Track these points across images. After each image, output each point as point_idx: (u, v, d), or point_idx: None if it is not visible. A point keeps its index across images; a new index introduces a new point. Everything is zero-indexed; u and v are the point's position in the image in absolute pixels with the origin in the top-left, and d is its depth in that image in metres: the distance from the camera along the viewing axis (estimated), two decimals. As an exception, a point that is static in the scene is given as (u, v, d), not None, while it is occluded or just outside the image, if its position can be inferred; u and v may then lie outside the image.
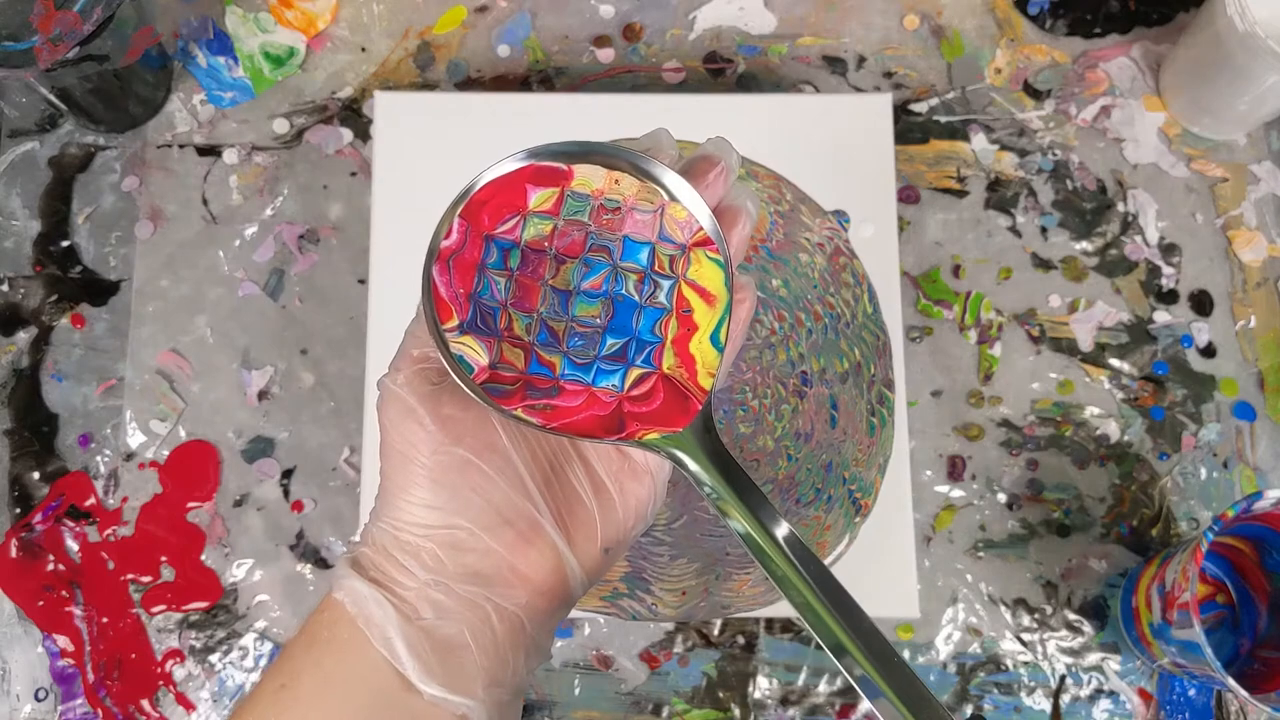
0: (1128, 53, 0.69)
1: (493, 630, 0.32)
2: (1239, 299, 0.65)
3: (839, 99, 0.58)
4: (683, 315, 0.33)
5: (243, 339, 0.62)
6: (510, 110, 0.57)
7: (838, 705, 0.59)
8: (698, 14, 0.68)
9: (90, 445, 0.61)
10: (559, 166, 0.32)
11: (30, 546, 0.59)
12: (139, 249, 0.63)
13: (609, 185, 0.33)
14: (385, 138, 0.56)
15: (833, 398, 0.51)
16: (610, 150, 0.33)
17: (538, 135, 0.53)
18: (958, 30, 0.69)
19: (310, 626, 0.33)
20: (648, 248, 0.33)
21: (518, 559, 0.32)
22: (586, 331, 0.33)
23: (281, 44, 0.66)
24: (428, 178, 0.55)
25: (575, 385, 0.32)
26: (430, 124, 0.56)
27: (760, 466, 0.50)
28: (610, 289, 0.33)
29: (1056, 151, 0.67)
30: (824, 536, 0.50)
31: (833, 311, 0.51)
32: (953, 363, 0.63)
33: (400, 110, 0.57)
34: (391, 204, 0.55)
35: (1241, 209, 0.67)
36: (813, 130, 0.56)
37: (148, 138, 0.64)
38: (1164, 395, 0.63)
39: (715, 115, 0.56)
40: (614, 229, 0.33)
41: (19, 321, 0.62)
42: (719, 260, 0.33)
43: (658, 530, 0.49)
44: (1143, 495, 0.62)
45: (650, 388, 0.32)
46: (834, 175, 0.54)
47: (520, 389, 0.32)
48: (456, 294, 0.32)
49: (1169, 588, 0.53)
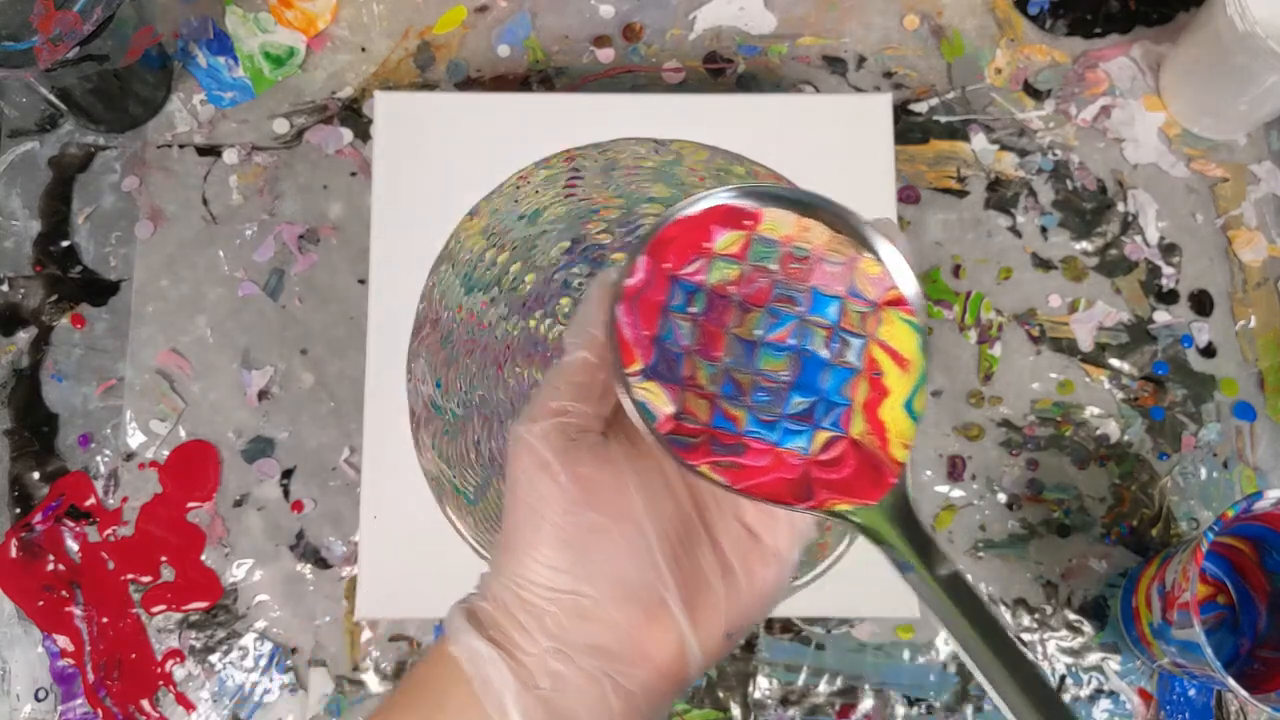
0: (1128, 53, 0.69)
1: (609, 708, 0.30)
2: (1239, 299, 0.65)
3: (838, 99, 0.58)
4: (874, 378, 0.31)
5: (243, 339, 0.62)
6: (511, 110, 0.57)
7: (838, 705, 0.59)
8: (698, 14, 0.68)
9: (90, 445, 0.61)
10: (748, 207, 0.31)
11: (30, 546, 0.59)
12: (139, 249, 0.63)
13: (798, 232, 0.31)
14: (385, 138, 0.56)
15: None
16: (806, 198, 0.31)
17: (539, 136, 0.53)
18: (958, 30, 0.69)
19: (419, 680, 0.31)
20: (837, 302, 0.31)
21: (642, 636, 0.31)
22: (772, 386, 0.31)
23: (281, 44, 0.66)
24: (428, 178, 0.55)
25: (760, 444, 0.30)
26: (430, 124, 0.56)
27: None
28: (797, 342, 0.31)
29: (1056, 151, 0.67)
30: (824, 537, 0.49)
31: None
32: (953, 363, 0.63)
33: (400, 110, 0.56)
34: (391, 204, 0.55)
35: (1242, 209, 0.67)
36: (812, 131, 0.56)
37: (148, 138, 0.64)
38: (1164, 395, 0.63)
39: (715, 115, 0.56)
40: (802, 279, 0.31)
41: (19, 321, 0.62)
42: (914, 323, 0.31)
43: None
44: (1143, 495, 0.62)
45: (840, 453, 0.31)
46: (833, 176, 0.54)
47: (705, 444, 0.30)
48: (641, 336, 0.30)
49: (1169, 588, 0.53)
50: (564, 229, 0.52)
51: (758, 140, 0.54)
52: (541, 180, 0.52)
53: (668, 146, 0.53)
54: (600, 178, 0.53)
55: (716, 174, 0.53)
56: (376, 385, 0.53)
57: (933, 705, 0.59)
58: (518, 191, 0.52)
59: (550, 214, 0.52)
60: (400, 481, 0.51)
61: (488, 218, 0.52)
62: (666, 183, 0.53)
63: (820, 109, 0.57)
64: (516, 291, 0.51)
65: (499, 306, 0.51)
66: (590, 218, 0.52)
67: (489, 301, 0.51)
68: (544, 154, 0.53)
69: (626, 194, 0.53)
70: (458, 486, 0.50)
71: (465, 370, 0.51)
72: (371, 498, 0.52)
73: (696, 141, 0.53)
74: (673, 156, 0.53)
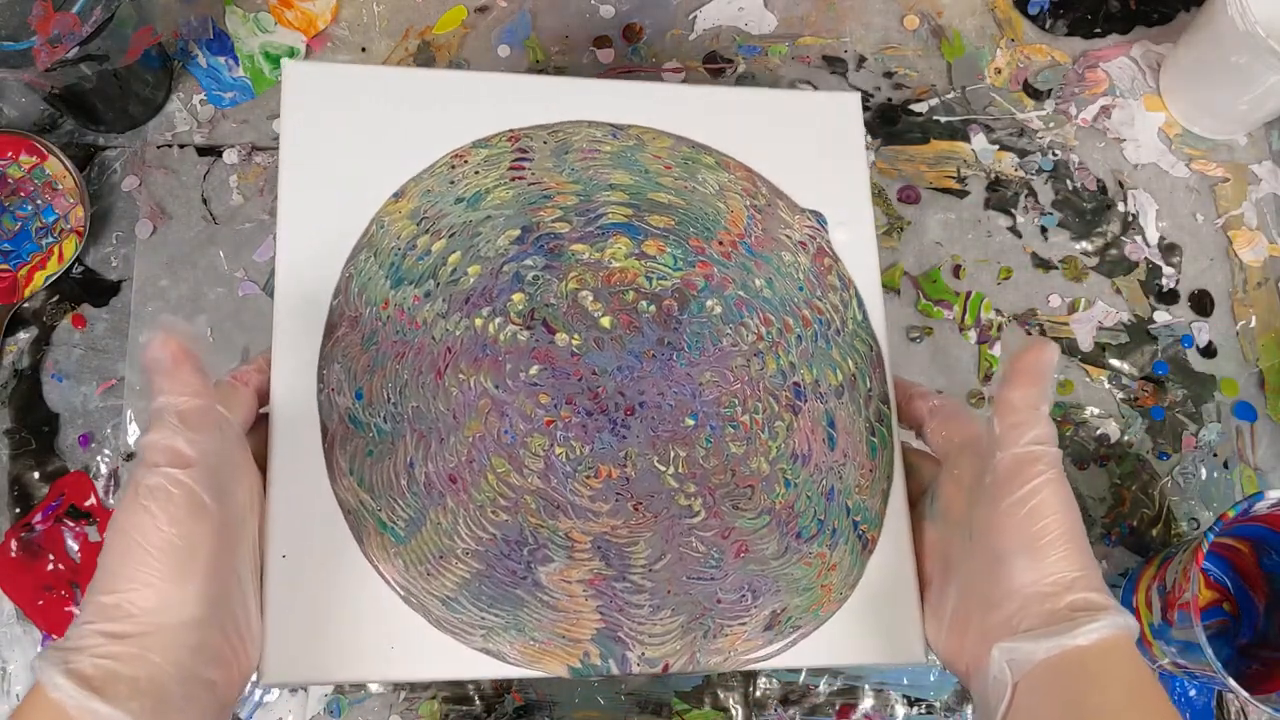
0: (1128, 53, 0.69)
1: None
2: (1239, 299, 0.65)
3: (803, 96, 0.52)
4: None
5: (243, 339, 0.62)
6: (444, 88, 0.48)
7: (838, 705, 0.59)
8: (698, 14, 0.68)
9: (90, 445, 0.61)
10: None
11: (30, 546, 0.59)
12: (139, 249, 0.63)
13: None
14: (295, 115, 0.46)
15: (829, 414, 0.46)
16: None
17: (478, 118, 0.46)
18: (958, 30, 0.69)
19: None
20: None
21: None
22: None
23: (281, 44, 0.66)
24: (346, 160, 0.46)
25: None
26: (349, 100, 0.47)
27: (755, 493, 0.44)
28: None
29: (1056, 151, 0.67)
30: (829, 579, 0.44)
31: (821, 317, 0.47)
32: (953, 363, 0.63)
33: (313, 83, 0.47)
34: (302, 189, 0.45)
35: (1242, 209, 0.67)
36: (780, 128, 0.50)
37: (148, 138, 0.64)
38: (1164, 395, 0.63)
39: (675, 108, 0.49)
40: None
41: (19, 321, 0.62)
42: None
43: (635, 574, 0.43)
44: (1143, 495, 0.62)
45: None
46: (803, 173, 0.49)
47: None
48: None
49: (1169, 588, 0.53)
50: (511, 215, 0.46)
51: (723, 134, 0.49)
52: (481, 160, 0.47)
53: (626, 131, 0.49)
54: (552, 160, 0.47)
55: (684, 162, 0.49)
56: (287, 399, 0.43)
57: (933, 705, 0.59)
58: (453, 172, 0.46)
59: (494, 198, 0.46)
60: (315, 514, 0.41)
61: (417, 200, 0.45)
62: (628, 169, 0.48)
63: (785, 107, 0.51)
64: (458, 285, 0.45)
65: (436, 302, 0.44)
66: (543, 204, 0.47)
67: (422, 296, 0.44)
68: (482, 135, 0.47)
69: (584, 179, 0.47)
70: (383, 521, 0.41)
71: (394, 377, 0.43)
72: (281, 533, 0.41)
73: (657, 129, 0.49)
74: (633, 142, 0.49)
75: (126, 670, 0.33)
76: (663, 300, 0.46)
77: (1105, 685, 0.34)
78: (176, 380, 0.36)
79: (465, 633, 0.41)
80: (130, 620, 0.34)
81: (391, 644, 0.40)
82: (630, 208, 0.47)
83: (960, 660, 0.40)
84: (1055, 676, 0.35)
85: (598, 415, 0.44)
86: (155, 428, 0.35)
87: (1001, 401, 0.38)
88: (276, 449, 0.42)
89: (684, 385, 0.45)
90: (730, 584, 0.43)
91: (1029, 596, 0.36)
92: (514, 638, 0.41)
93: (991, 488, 0.38)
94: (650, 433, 0.44)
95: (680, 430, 0.44)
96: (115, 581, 0.34)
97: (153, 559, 0.34)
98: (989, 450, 0.39)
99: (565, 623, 0.41)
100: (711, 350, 0.46)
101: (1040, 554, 0.37)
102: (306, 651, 0.40)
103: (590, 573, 0.42)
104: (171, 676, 0.33)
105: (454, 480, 0.42)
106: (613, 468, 0.43)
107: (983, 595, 0.38)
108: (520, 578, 0.42)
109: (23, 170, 0.62)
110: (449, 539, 0.42)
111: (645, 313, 0.46)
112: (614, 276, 0.46)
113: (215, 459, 0.36)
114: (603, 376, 0.44)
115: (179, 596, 0.34)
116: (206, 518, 0.35)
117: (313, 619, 0.40)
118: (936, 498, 0.43)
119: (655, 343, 0.45)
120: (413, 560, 0.41)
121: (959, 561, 0.41)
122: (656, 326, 0.46)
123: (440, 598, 0.41)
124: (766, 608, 0.43)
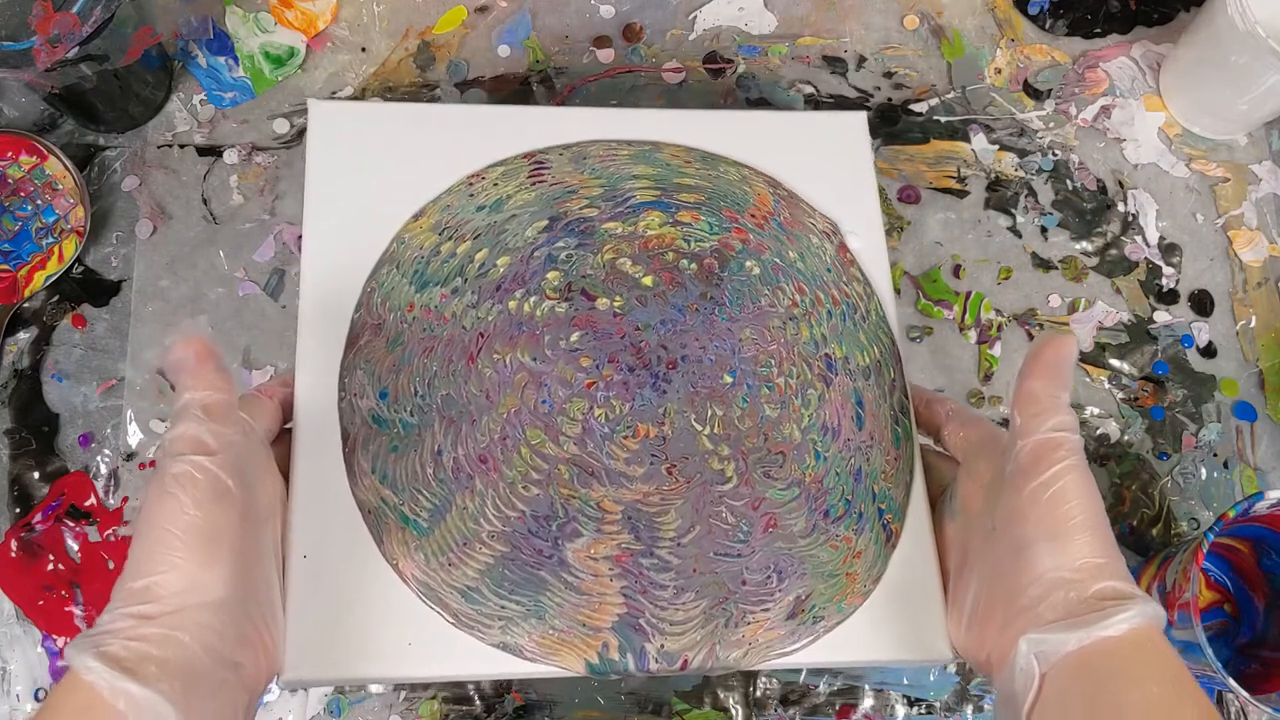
0: (1128, 53, 0.69)
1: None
2: (1239, 299, 0.65)
3: (812, 117, 0.53)
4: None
5: (243, 339, 0.62)
6: (458, 122, 0.50)
7: (838, 705, 0.59)
8: (698, 14, 0.68)
9: (91, 445, 0.61)
10: None
11: (30, 546, 0.59)
12: (139, 249, 0.63)
13: None
14: (320, 150, 0.49)
15: (858, 393, 0.47)
16: None
17: (490, 149, 0.49)
18: (958, 30, 0.69)
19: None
20: None
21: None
22: None
23: (282, 44, 0.66)
24: (366, 193, 0.48)
25: None
26: (368, 135, 0.49)
27: (786, 462, 0.45)
28: None
29: (1056, 151, 0.67)
30: (854, 567, 0.44)
31: (848, 300, 0.49)
32: (953, 363, 0.63)
33: (336, 120, 0.50)
34: (326, 219, 0.48)
35: (1242, 209, 0.67)
36: (788, 149, 0.51)
37: (148, 138, 0.64)
38: (1164, 395, 0.63)
39: (686, 131, 0.51)
40: None
41: (19, 321, 0.62)
42: None
43: (663, 548, 0.43)
44: (1143, 495, 0.62)
45: None
46: (814, 192, 0.50)
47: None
48: None
49: (1169, 588, 0.53)
50: (536, 211, 0.48)
51: (727, 154, 0.51)
52: (499, 175, 0.49)
53: (640, 143, 0.50)
54: (571, 165, 0.49)
55: (703, 159, 0.50)
56: (310, 409, 0.44)
57: (933, 705, 0.59)
58: (471, 188, 0.48)
59: (517, 200, 0.48)
60: (336, 516, 0.42)
61: (438, 215, 0.48)
62: (649, 164, 0.50)
63: (794, 127, 0.52)
64: (487, 276, 0.46)
65: (465, 295, 0.46)
66: (567, 198, 0.48)
67: (450, 293, 0.46)
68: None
69: (605, 175, 0.49)
70: (405, 515, 0.42)
71: (422, 371, 0.45)
72: (302, 534, 0.42)
73: (671, 142, 0.51)
74: (649, 147, 0.50)
75: (157, 651, 0.33)
76: (703, 259, 0.47)
77: (1141, 680, 0.34)
78: (200, 377, 0.37)
79: (483, 626, 0.41)
80: (159, 602, 0.34)
81: (409, 642, 0.41)
82: (658, 189, 0.49)
83: (981, 652, 0.39)
84: (1084, 668, 0.34)
85: (640, 370, 0.45)
86: (180, 421, 0.36)
87: (1022, 393, 0.38)
88: (299, 455, 0.43)
89: (724, 340, 0.46)
90: (757, 562, 0.43)
91: (1053, 583, 0.36)
92: (533, 627, 0.41)
93: (1014, 476, 0.38)
94: (690, 388, 0.45)
95: (719, 388, 0.45)
96: (143, 567, 0.35)
97: (179, 541, 0.35)
98: (1009, 445, 0.39)
99: (588, 608, 0.42)
100: (751, 307, 0.47)
101: (1064, 539, 0.36)
102: (325, 650, 0.40)
103: (618, 548, 0.42)
104: (200, 657, 0.34)
105: (484, 460, 0.43)
106: (651, 426, 0.44)
107: (1006, 585, 0.38)
108: (546, 556, 0.42)
109: (23, 170, 0.62)
110: (474, 523, 0.42)
111: (687, 270, 0.47)
112: (651, 243, 0.47)
113: (238, 450, 0.37)
114: (646, 331, 0.46)
115: (206, 578, 0.35)
116: (231, 502, 0.36)
117: (332, 618, 0.41)
118: (955, 495, 0.44)
119: (699, 297, 0.47)
120: (434, 551, 0.42)
121: (980, 554, 0.41)
122: (699, 282, 0.47)
123: (460, 589, 0.41)
124: (791, 592, 0.43)
